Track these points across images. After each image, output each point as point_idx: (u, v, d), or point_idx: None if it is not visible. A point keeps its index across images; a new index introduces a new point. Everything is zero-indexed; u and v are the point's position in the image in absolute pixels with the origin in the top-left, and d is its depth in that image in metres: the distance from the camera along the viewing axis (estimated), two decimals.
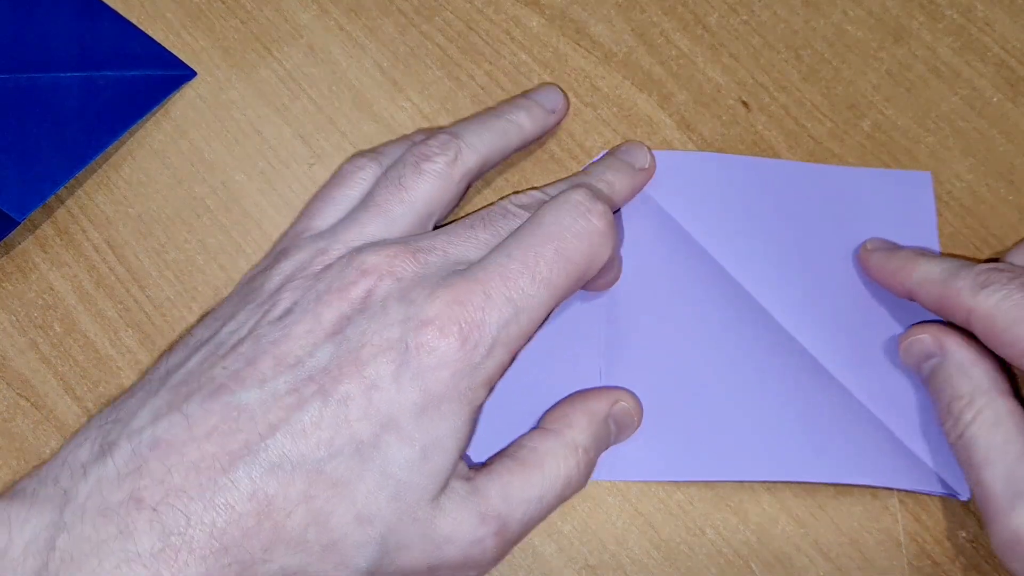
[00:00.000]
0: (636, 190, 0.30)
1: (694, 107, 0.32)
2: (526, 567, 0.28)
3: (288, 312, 0.24)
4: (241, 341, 0.24)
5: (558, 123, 0.32)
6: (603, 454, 0.28)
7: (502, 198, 0.28)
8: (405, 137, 0.31)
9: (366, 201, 0.27)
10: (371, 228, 0.26)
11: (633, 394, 0.28)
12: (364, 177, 0.28)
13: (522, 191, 0.28)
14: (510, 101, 0.31)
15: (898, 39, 0.32)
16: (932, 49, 0.32)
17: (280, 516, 0.22)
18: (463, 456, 0.25)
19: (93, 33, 0.34)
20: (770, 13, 0.33)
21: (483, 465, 0.26)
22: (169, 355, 0.25)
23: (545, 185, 0.30)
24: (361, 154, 0.29)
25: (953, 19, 0.32)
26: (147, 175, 0.33)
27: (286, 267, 0.26)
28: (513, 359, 0.25)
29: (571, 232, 0.25)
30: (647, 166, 0.30)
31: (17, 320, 0.32)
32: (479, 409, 0.25)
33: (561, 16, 0.34)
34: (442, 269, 0.25)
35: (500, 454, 0.26)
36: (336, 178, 0.29)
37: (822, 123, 0.32)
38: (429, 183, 0.27)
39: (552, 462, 0.26)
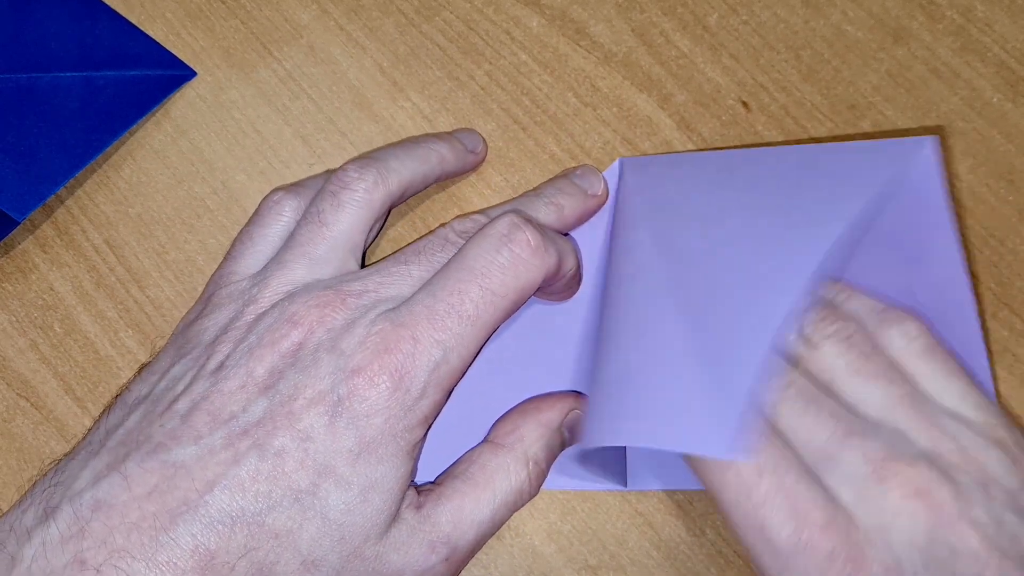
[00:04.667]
0: (586, 215, 0.30)
1: (694, 107, 0.32)
2: (526, 567, 0.28)
3: (221, 367, 0.24)
4: (177, 398, 0.24)
5: (477, 164, 0.32)
6: (605, 466, 0.28)
7: (442, 225, 0.27)
8: (328, 171, 0.31)
9: (290, 242, 0.27)
10: (299, 272, 0.26)
11: (587, 398, 0.28)
12: (282, 212, 0.28)
13: (465, 215, 0.28)
14: (432, 134, 0.31)
15: (898, 39, 0.32)
16: (932, 49, 0.32)
17: (224, 570, 0.22)
18: (411, 486, 0.25)
19: (93, 33, 0.34)
20: (770, 13, 0.33)
21: (434, 484, 0.26)
22: (108, 414, 0.25)
23: (488, 208, 0.29)
24: (279, 189, 0.29)
25: (953, 19, 0.32)
26: (147, 175, 0.33)
27: (219, 318, 0.26)
28: (448, 395, 0.25)
29: (495, 266, 0.25)
30: (599, 193, 0.30)
31: (17, 320, 0.32)
32: (418, 445, 0.25)
33: (561, 16, 0.34)
34: (372, 312, 0.24)
35: (450, 473, 0.26)
36: (255, 217, 0.28)
37: (822, 123, 0.32)
38: (349, 214, 0.27)
39: (503, 479, 0.26)
